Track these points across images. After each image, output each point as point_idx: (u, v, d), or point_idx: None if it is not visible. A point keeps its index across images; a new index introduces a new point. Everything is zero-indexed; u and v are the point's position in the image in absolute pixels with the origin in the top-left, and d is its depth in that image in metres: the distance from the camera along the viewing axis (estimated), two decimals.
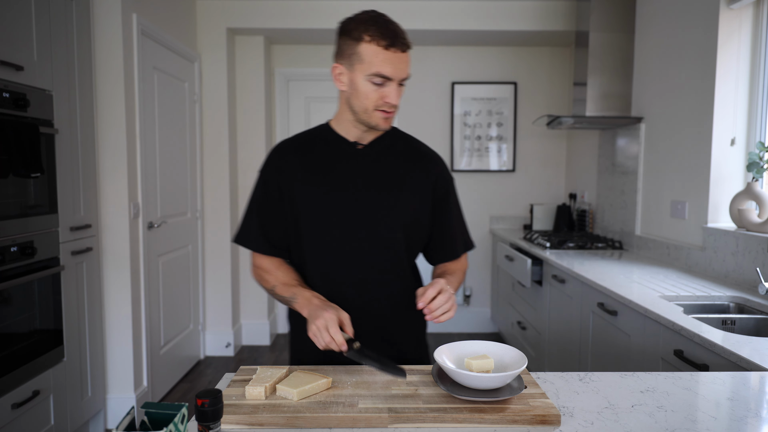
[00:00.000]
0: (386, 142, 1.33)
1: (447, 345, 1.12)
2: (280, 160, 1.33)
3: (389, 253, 1.30)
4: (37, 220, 2.14)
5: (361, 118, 1.24)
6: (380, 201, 1.28)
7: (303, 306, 1.22)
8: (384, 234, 1.28)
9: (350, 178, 1.28)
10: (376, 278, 1.30)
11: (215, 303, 3.84)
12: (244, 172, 4.00)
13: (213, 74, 3.72)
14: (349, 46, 1.19)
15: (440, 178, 1.35)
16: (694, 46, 2.55)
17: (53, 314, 2.26)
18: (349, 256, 1.28)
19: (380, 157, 1.32)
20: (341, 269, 1.29)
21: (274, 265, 1.35)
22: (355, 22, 1.19)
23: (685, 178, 2.62)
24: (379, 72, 1.17)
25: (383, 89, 1.19)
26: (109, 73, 2.66)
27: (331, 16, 3.69)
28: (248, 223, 1.36)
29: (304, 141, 1.35)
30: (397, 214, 1.29)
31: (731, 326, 1.83)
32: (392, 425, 0.93)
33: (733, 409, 1.01)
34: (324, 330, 1.11)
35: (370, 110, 1.22)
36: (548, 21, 3.73)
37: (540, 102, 4.26)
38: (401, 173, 1.31)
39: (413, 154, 1.35)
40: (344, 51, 1.21)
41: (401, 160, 1.33)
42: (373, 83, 1.18)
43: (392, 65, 1.16)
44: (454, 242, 1.39)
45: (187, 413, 0.82)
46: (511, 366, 1.05)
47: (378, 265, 1.30)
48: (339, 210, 1.27)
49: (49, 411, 2.22)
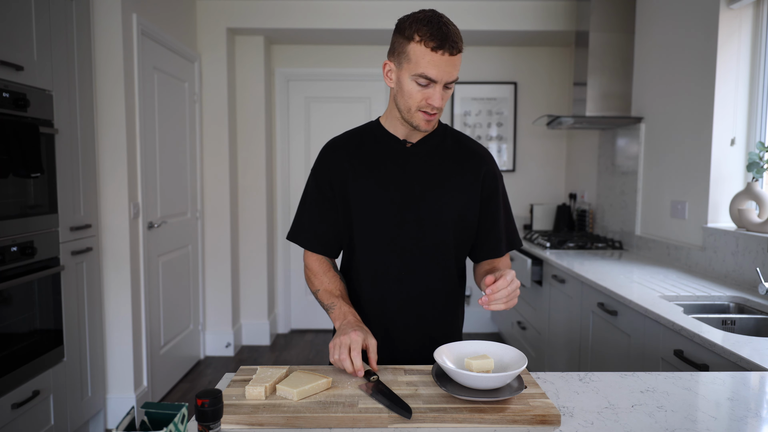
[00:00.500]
0: (435, 141, 1.33)
1: (447, 345, 1.12)
2: (332, 156, 1.34)
3: (436, 251, 1.30)
4: (37, 220, 2.14)
5: (404, 117, 1.24)
6: (428, 200, 1.28)
7: (337, 317, 1.25)
8: (431, 233, 1.29)
9: (399, 177, 1.29)
10: (421, 276, 1.30)
11: (215, 303, 3.84)
12: (244, 172, 4.00)
13: (213, 74, 3.72)
14: (400, 44, 1.19)
15: (488, 176, 1.34)
16: (694, 46, 2.55)
17: (53, 314, 2.26)
18: (396, 253, 1.29)
19: (429, 155, 1.31)
20: (388, 265, 1.30)
21: (322, 269, 1.36)
22: (411, 20, 1.17)
23: (685, 178, 2.62)
24: (423, 73, 1.16)
25: (427, 90, 1.18)
26: (109, 73, 2.66)
27: (331, 16, 3.69)
28: (300, 221, 1.38)
29: (354, 138, 1.36)
30: (445, 214, 1.29)
31: (731, 326, 1.83)
32: (392, 425, 0.93)
33: (733, 409, 1.01)
34: (345, 348, 1.12)
35: (413, 110, 1.21)
36: (548, 21, 3.73)
37: (540, 102, 4.26)
38: (450, 172, 1.31)
39: (462, 152, 1.34)
40: (395, 48, 1.20)
41: (450, 158, 1.32)
42: (417, 83, 1.18)
43: (437, 68, 1.15)
44: (499, 240, 1.38)
45: (187, 413, 0.82)
46: (511, 366, 1.05)
47: (424, 263, 1.30)
48: (388, 207, 1.28)
49: (49, 411, 2.22)
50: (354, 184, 1.30)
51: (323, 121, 4.31)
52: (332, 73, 4.22)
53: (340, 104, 4.30)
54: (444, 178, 1.30)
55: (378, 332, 1.31)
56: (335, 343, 1.14)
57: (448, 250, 1.31)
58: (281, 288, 4.37)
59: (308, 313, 4.43)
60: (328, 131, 4.30)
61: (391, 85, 1.24)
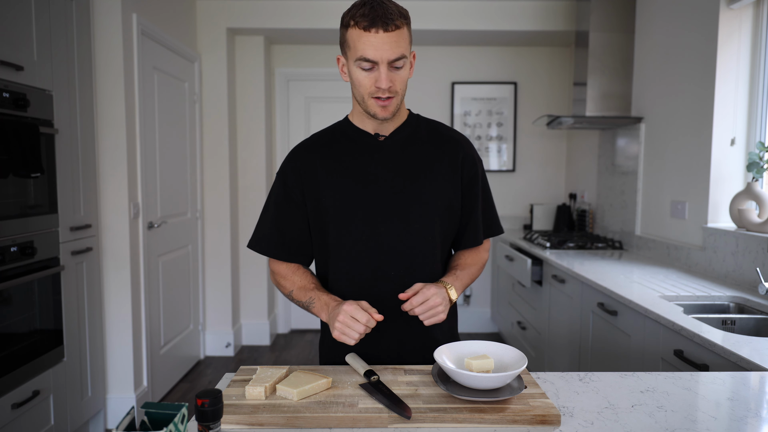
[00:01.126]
0: (408, 131, 1.29)
1: (447, 345, 1.12)
2: (300, 160, 1.28)
3: (423, 245, 1.25)
4: (37, 220, 2.14)
5: (363, 108, 1.21)
6: (410, 192, 1.23)
7: (320, 310, 1.21)
8: (417, 226, 1.24)
9: (376, 172, 1.24)
10: (409, 273, 1.24)
11: (215, 303, 3.84)
12: (244, 172, 4.00)
13: (213, 74, 3.72)
14: (342, 34, 1.17)
15: (467, 161, 1.30)
16: (694, 46, 2.55)
17: (53, 314, 2.26)
18: (380, 253, 1.23)
19: (404, 146, 1.27)
20: (371, 267, 1.24)
21: (291, 269, 1.31)
22: (349, 8, 1.16)
23: (685, 178, 2.62)
24: (362, 56, 1.12)
25: (373, 74, 1.14)
26: (109, 73, 2.66)
27: (331, 16, 3.69)
28: (264, 228, 1.31)
29: (324, 138, 1.31)
30: (430, 204, 1.24)
31: (731, 326, 1.83)
32: (392, 425, 0.93)
33: (733, 409, 1.01)
34: (351, 321, 1.09)
35: (366, 98, 1.18)
36: (548, 21, 3.73)
37: (540, 102, 4.26)
38: (428, 161, 1.26)
39: (438, 139, 1.30)
40: (341, 41, 1.19)
41: (427, 147, 1.28)
42: (362, 69, 1.14)
43: (374, 47, 1.11)
44: (477, 228, 1.33)
45: (187, 413, 0.82)
46: (511, 366, 1.05)
47: (411, 259, 1.24)
48: (367, 205, 1.23)
49: (49, 411, 2.22)
50: (327, 186, 1.24)
51: (323, 121, 4.29)
52: (332, 73, 4.22)
53: (340, 104, 4.29)
54: (425, 167, 1.25)
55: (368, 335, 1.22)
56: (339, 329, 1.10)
57: (434, 243, 1.26)
58: None
59: (308, 313, 4.42)
60: None
61: (346, 79, 1.21)
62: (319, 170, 1.26)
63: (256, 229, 1.34)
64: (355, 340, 1.10)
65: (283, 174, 1.30)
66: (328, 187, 1.24)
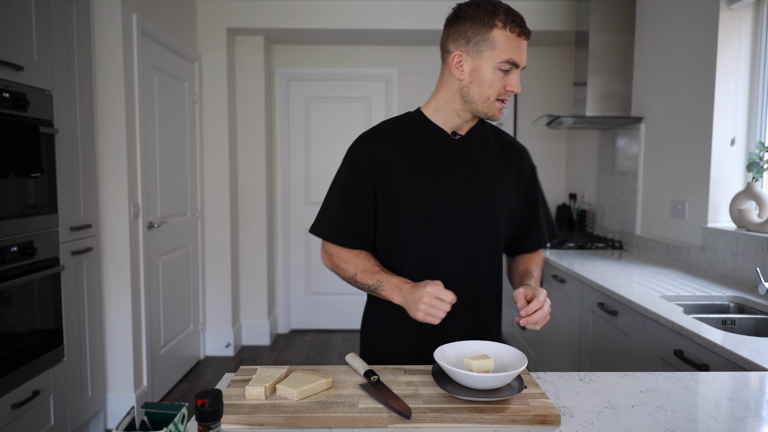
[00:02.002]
0: (481, 133, 1.30)
1: (447, 345, 1.12)
2: (374, 148, 1.26)
3: (488, 246, 1.28)
4: (37, 220, 2.14)
5: (478, 108, 1.21)
6: (480, 193, 1.25)
7: (392, 292, 1.19)
8: (485, 227, 1.26)
9: (453, 170, 1.25)
10: (472, 272, 1.27)
11: (215, 303, 3.84)
12: (244, 172, 4.00)
13: (213, 74, 3.72)
14: (478, 33, 1.15)
15: (528, 169, 1.34)
16: (694, 46, 2.55)
17: (53, 314, 2.26)
18: (446, 250, 1.25)
19: (479, 148, 1.28)
20: (438, 262, 1.25)
21: (353, 253, 1.29)
22: (480, 8, 1.15)
23: (685, 178, 2.62)
24: (511, 59, 1.15)
25: (508, 77, 1.17)
26: (109, 73, 2.66)
27: (331, 16, 3.69)
28: (328, 214, 1.29)
29: (397, 128, 1.29)
30: (497, 207, 1.27)
31: (731, 326, 1.83)
32: (392, 425, 0.93)
33: (733, 409, 1.01)
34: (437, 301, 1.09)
35: (491, 99, 1.19)
36: (548, 21, 3.73)
37: (540, 102, 4.26)
38: (497, 165, 1.29)
39: (505, 145, 1.33)
40: (469, 38, 1.16)
41: (496, 151, 1.30)
42: (501, 70, 1.16)
43: (521, 53, 1.16)
44: (542, 233, 1.37)
45: (187, 413, 0.82)
46: (511, 366, 1.05)
47: (476, 259, 1.27)
48: (439, 201, 1.24)
49: (49, 411, 2.22)
50: (401, 178, 1.23)
51: (323, 121, 4.31)
52: (332, 73, 4.22)
53: (340, 104, 4.29)
54: (493, 171, 1.28)
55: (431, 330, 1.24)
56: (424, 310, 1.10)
57: (498, 245, 1.30)
58: (281, 288, 4.37)
59: (308, 313, 4.43)
60: (328, 131, 4.30)
61: (462, 76, 1.19)
62: (393, 161, 1.24)
63: (320, 213, 1.32)
64: (439, 319, 1.12)
65: (353, 160, 1.27)
66: (402, 180, 1.23)
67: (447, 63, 1.22)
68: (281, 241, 4.33)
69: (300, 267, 4.39)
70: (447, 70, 1.22)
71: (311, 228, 1.32)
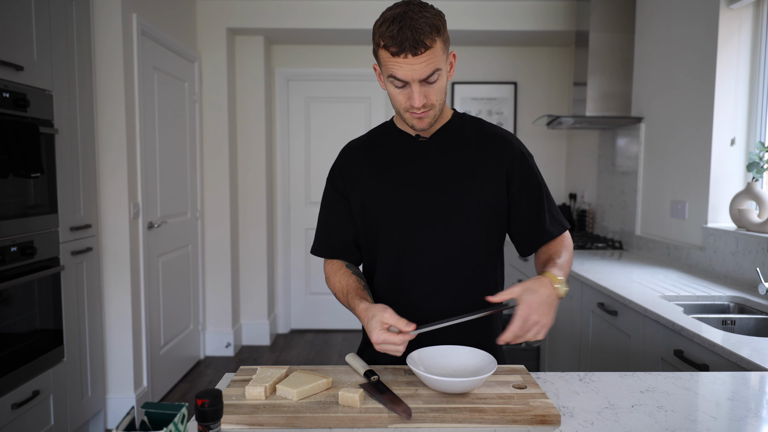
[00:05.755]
0: (452, 131, 1.26)
1: (421, 349, 1.11)
2: (346, 160, 1.30)
3: (465, 248, 1.21)
4: (37, 220, 2.14)
5: (402, 118, 1.20)
6: (452, 194, 1.21)
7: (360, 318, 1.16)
8: (461, 228, 1.21)
9: (417, 172, 1.23)
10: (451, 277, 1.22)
11: (215, 303, 3.84)
12: (244, 172, 4.00)
13: (213, 74, 3.72)
14: (373, 47, 1.15)
15: (515, 159, 1.24)
16: (694, 46, 2.55)
17: (53, 314, 2.26)
18: (419, 258, 1.22)
19: (446, 147, 1.24)
20: (411, 271, 1.22)
21: (332, 270, 1.31)
22: (379, 21, 1.12)
23: (685, 178, 2.62)
24: (394, 74, 1.11)
25: (405, 90, 1.13)
26: (109, 73, 2.66)
27: (331, 16, 3.69)
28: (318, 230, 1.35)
29: (371, 139, 1.32)
30: (474, 206, 1.21)
31: (731, 326, 1.83)
32: (392, 425, 0.93)
33: (733, 409, 1.01)
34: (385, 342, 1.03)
35: (402, 111, 1.17)
36: (548, 21, 3.73)
37: (540, 102, 4.26)
38: (472, 162, 1.23)
39: (482, 138, 1.26)
40: (373, 51, 1.16)
41: (470, 147, 1.24)
42: (394, 85, 1.13)
43: (403, 70, 1.09)
44: (543, 225, 1.26)
45: (187, 413, 0.82)
46: (481, 371, 1.05)
47: (453, 262, 1.21)
48: (407, 208, 1.22)
49: (49, 411, 2.22)
50: (368, 188, 1.25)
51: (323, 121, 4.31)
52: (332, 73, 4.22)
53: (341, 104, 4.30)
54: (469, 167, 1.22)
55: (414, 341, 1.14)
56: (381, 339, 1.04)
57: (477, 246, 1.22)
58: (281, 288, 4.37)
59: (308, 313, 4.43)
60: (328, 131, 4.30)
61: (384, 87, 1.20)
62: (363, 172, 1.27)
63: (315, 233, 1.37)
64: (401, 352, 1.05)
65: (332, 174, 1.33)
66: (369, 190, 1.25)
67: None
68: (281, 241, 4.33)
69: (300, 267, 4.39)
70: None
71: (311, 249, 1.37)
